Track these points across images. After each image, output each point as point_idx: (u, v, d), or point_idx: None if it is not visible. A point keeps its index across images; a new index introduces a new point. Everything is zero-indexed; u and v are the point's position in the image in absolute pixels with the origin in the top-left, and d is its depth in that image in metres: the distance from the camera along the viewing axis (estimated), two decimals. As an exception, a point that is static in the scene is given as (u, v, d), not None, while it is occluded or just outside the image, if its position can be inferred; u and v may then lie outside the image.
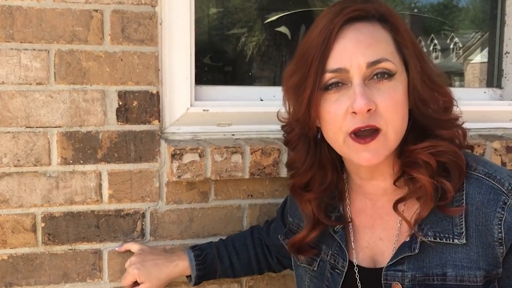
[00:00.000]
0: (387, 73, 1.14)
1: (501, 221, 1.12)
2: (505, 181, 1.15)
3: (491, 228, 1.13)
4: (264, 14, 2.47)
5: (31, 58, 1.57)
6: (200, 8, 2.23)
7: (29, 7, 1.55)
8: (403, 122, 1.17)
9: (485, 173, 1.17)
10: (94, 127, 1.65)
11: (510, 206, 1.12)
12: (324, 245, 1.37)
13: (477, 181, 1.17)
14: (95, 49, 1.62)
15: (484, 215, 1.14)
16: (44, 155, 1.61)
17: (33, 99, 1.59)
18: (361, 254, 1.30)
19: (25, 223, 1.63)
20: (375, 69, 1.14)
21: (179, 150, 1.65)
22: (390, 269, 1.22)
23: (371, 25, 1.17)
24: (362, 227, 1.32)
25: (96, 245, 1.69)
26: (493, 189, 1.14)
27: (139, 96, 1.67)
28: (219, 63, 2.37)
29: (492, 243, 1.13)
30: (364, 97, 1.11)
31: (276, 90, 1.92)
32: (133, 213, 1.71)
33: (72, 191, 1.65)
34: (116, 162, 1.67)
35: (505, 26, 2.18)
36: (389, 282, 1.21)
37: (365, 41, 1.14)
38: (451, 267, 1.16)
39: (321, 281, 1.35)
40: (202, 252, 1.63)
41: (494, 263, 1.14)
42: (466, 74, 3.00)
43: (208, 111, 1.78)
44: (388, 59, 1.14)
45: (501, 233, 1.12)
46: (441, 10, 2.72)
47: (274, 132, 1.87)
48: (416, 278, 1.19)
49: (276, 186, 1.83)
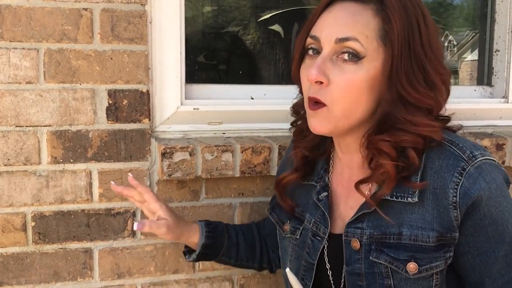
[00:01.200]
0: (354, 54, 1.17)
1: (457, 186, 1.15)
2: (467, 149, 1.18)
3: (447, 191, 1.16)
4: (257, 13, 2.47)
5: (20, 57, 1.57)
6: (192, 6, 2.23)
7: (18, 6, 1.55)
8: (357, 106, 1.20)
9: (448, 140, 1.21)
10: (84, 126, 1.64)
11: (469, 172, 1.15)
12: (308, 213, 1.40)
13: (439, 146, 1.20)
14: (84, 48, 1.62)
15: (442, 178, 1.17)
16: (34, 154, 1.61)
17: (23, 98, 1.58)
18: (334, 223, 1.35)
19: (15, 222, 1.62)
20: (343, 46, 1.18)
21: (169, 148, 1.65)
22: (351, 226, 1.27)
23: (361, 7, 1.20)
24: (338, 198, 1.37)
25: (86, 244, 1.69)
26: (454, 155, 1.18)
27: (129, 95, 1.67)
28: (211, 61, 2.37)
29: (447, 206, 1.16)
30: (317, 69, 1.18)
31: (267, 88, 1.93)
32: (124, 212, 1.71)
33: (62, 190, 1.65)
34: (106, 161, 1.67)
35: (495, 24, 2.18)
36: (349, 239, 1.26)
37: (343, 19, 1.19)
38: (407, 227, 1.19)
39: (302, 249, 1.39)
40: (213, 223, 1.59)
41: (448, 226, 1.16)
42: (461, 72, 3.01)
43: (198, 109, 1.78)
44: (358, 39, 1.17)
45: (456, 197, 1.15)
46: (435, 8, 2.73)
47: (265, 131, 1.88)
48: (373, 235, 1.23)
49: (267, 184, 1.83)
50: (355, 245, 1.25)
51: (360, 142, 1.26)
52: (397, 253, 1.20)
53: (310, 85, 1.22)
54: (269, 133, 1.88)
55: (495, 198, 1.16)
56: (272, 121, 1.88)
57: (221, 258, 1.61)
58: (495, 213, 1.17)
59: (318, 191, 1.39)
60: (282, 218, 1.50)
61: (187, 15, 1.79)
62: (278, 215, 1.52)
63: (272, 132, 1.88)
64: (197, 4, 2.30)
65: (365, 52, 1.17)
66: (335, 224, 1.35)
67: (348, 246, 1.26)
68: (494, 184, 1.17)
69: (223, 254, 1.59)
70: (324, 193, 1.37)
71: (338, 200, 1.37)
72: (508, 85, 2.15)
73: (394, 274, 1.21)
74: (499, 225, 1.18)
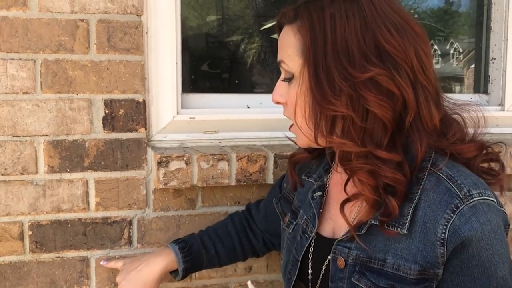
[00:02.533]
0: (286, 76, 1.25)
1: (447, 223, 1.11)
2: (465, 187, 1.13)
3: (437, 227, 1.12)
4: (260, 21, 2.48)
5: (17, 67, 1.59)
6: (188, 16, 2.25)
7: (15, 17, 1.57)
8: (306, 122, 1.22)
9: (447, 174, 1.16)
10: (80, 135, 1.66)
11: (462, 211, 1.11)
12: (302, 210, 1.42)
13: (436, 179, 1.15)
14: (81, 58, 1.64)
15: (433, 213, 1.13)
16: (31, 164, 1.63)
17: (20, 108, 1.60)
18: (324, 224, 1.35)
19: (12, 231, 1.64)
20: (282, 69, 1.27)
21: (165, 157, 1.67)
22: (340, 244, 1.26)
23: (289, 28, 1.23)
24: (332, 199, 1.37)
25: (83, 253, 1.70)
26: (450, 191, 1.13)
27: (125, 105, 1.69)
28: (211, 70, 2.38)
29: (435, 242, 1.12)
30: (275, 92, 1.29)
31: (263, 97, 1.94)
32: (120, 220, 1.72)
33: (59, 199, 1.66)
34: (103, 170, 1.69)
35: (491, 32, 2.19)
36: (336, 256, 1.26)
37: (280, 42, 1.27)
38: (392, 255, 1.17)
39: (292, 243, 1.41)
40: (187, 244, 1.62)
41: (433, 262, 1.13)
42: (466, 79, 3.00)
43: (194, 118, 1.79)
44: (284, 61, 1.24)
45: (445, 233, 1.11)
46: (441, 15, 2.73)
47: (262, 139, 1.89)
48: (359, 257, 1.22)
49: (263, 192, 1.84)
50: (340, 264, 1.24)
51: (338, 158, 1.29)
52: (378, 279, 1.18)
53: None
54: (265, 142, 1.89)
55: (487, 240, 1.11)
56: (269, 129, 1.89)
57: (205, 268, 1.68)
58: (485, 255, 1.12)
59: (314, 190, 1.40)
60: (285, 210, 1.52)
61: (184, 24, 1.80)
62: (282, 207, 1.56)
63: (268, 141, 1.89)
64: (196, 14, 2.31)
65: (292, 71, 1.23)
66: (325, 225, 1.35)
67: (334, 264, 1.26)
68: (489, 226, 1.11)
69: (206, 266, 1.66)
70: (318, 193, 1.38)
71: (332, 202, 1.37)
72: (504, 93, 2.15)
73: None
74: (487, 268, 1.12)
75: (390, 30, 1.14)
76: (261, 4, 2.48)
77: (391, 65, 1.13)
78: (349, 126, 1.16)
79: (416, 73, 1.15)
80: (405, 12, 1.19)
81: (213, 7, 2.45)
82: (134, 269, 1.57)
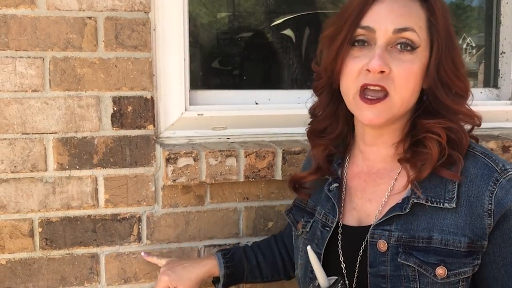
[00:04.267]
0: (410, 44, 1.22)
1: (492, 194, 1.19)
2: (499, 162, 1.23)
3: (482, 199, 1.20)
4: (271, 18, 2.47)
5: (26, 65, 1.60)
6: (198, 12, 2.25)
7: (23, 15, 1.58)
8: (412, 94, 1.25)
9: (482, 152, 1.26)
10: (89, 132, 1.67)
11: (502, 183, 1.19)
12: (320, 206, 1.42)
13: (474, 157, 1.25)
14: (89, 56, 1.64)
15: (477, 186, 1.21)
16: (40, 161, 1.64)
17: (29, 106, 1.61)
18: (348, 215, 1.36)
19: (22, 228, 1.65)
20: (400, 37, 1.21)
21: (174, 154, 1.67)
22: (378, 228, 1.26)
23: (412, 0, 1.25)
24: (354, 190, 1.38)
25: (93, 249, 1.71)
26: (488, 166, 1.22)
27: (133, 102, 1.69)
28: (220, 66, 2.38)
29: (482, 213, 1.19)
30: (380, 58, 1.20)
31: (271, 93, 1.94)
32: (130, 217, 1.73)
33: (68, 196, 1.67)
34: (112, 167, 1.69)
35: (501, 26, 2.17)
36: (375, 240, 1.26)
37: (398, 10, 1.23)
38: (438, 232, 1.21)
39: (312, 241, 1.39)
40: (229, 251, 1.64)
41: (480, 234, 1.19)
42: (480, 74, 2.98)
43: (202, 115, 1.80)
44: (415, 30, 1.22)
45: (491, 204, 1.19)
46: (453, 10, 2.71)
47: (270, 135, 1.89)
48: (402, 238, 1.23)
49: (271, 188, 1.84)
50: (381, 247, 1.24)
51: (399, 132, 1.31)
52: (426, 257, 1.20)
53: (365, 74, 1.23)
54: (273, 138, 1.89)
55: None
56: (277, 125, 1.89)
57: (246, 280, 1.67)
58: None
59: (330, 183, 1.40)
60: (297, 218, 1.51)
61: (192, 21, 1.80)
62: (294, 215, 1.54)
63: (276, 137, 1.89)
64: (205, 10, 2.31)
65: (419, 42, 1.22)
66: (349, 216, 1.35)
67: (373, 248, 1.26)
68: None
69: (247, 278, 1.65)
70: (335, 184, 1.39)
71: (353, 192, 1.37)
72: (514, 87, 2.14)
73: (421, 277, 1.21)
74: None
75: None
76: (271, 1, 2.48)
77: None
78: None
79: None
80: None
81: (224, 3, 2.45)
82: (180, 265, 1.61)
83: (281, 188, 1.85)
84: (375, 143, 1.35)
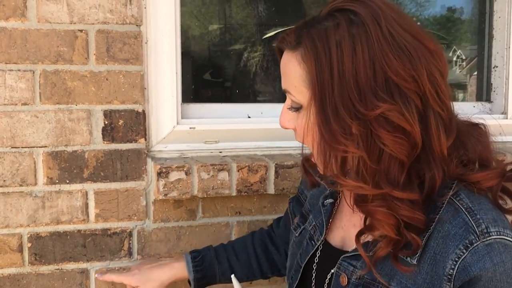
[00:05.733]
0: (292, 106, 1.18)
1: (458, 259, 1.05)
2: (483, 223, 1.06)
3: (446, 261, 1.06)
4: (262, 30, 2.47)
5: (16, 78, 1.58)
6: (190, 25, 2.24)
7: (13, 28, 1.56)
8: (316, 149, 1.14)
9: (467, 207, 1.09)
10: (80, 146, 1.65)
11: (476, 248, 1.04)
12: (312, 215, 1.40)
13: (455, 210, 1.09)
14: (80, 69, 1.63)
15: (445, 246, 1.07)
16: (30, 175, 1.62)
17: (19, 120, 1.59)
18: (334, 233, 1.32)
19: (11, 243, 1.62)
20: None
21: (165, 168, 1.66)
22: (346, 260, 1.22)
23: (291, 56, 1.14)
24: (345, 209, 1.33)
25: (83, 265, 1.69)
26: (467, 225, 1.06)
27: (124, 115, 1.68)
28: (212, 79, 2.37)
29: (442, 276, 1.07)
30: (282, 117, 1.21)
31: (264, 106, 1.93)
32: (120, 232, 1.71)
33: (58, 211, 1.65)
34: (103, 181, 1.68)
35: (493, 40, 2.18)
36: (340, 272, 1.22)
37: (282, 70, 1.19)
38: (396, 282, 1.12)
39: (298, 248, 1.38)
40: (199, 254, 1.62)
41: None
42: (469, 86, 3.00)
43: (194, 128, 1.78)
44: (290, 92, 1.16)
45: (453, 269, 1.05)
46: (443, 22, 2.72)
47: (262, 149, 1.88)
48: (363, 278, 1.18)
49: (264, 203, 1.83)
50: (343, 281, 1.21)
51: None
52: None
53: None
54: (266, 152, 1.88)
55: (497, 282, 1.04)
56: (270, 139, 1.88)
57: (220, 282, 1.65)
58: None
59: (326, 196, 1.37)
60: (295, 211, 1.50)
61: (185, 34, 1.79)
62: (293, 207, 1.53)
63: (269, 151, 1.88)
64: (197, 23, 2.31)
65: (300, 102, 1.14)
66: (336, 233, 1.32)
67: (337, 279, 1.23)
68: (502, 268, 1.03)
69: (220, 280, 1.63)
70: (330, 200, 1.36)
71: (343, 211, 1.34)
72: (507, 101, 2.14)
73: None
74: None
75: (400, 57, 1.05)
76: (263, 13, 2.47)
77: (400, 99, 1.05)
78: (361, 167, 1.08)
79: (428, 100, 1.07)
80: (416, 28, 1.11)
81: (215, 16, 2.44)
82: (148, 265, 1.63)
83: (274, 202, 1.84)
84: None
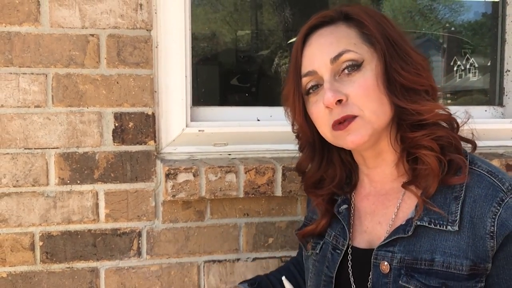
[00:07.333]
0: (353, 64, 1.23)
1: (495, 216, 1.16)
2: (506, 181, 1.19)
3: (485, 220, 1.16)
4: (273, 34, 2.49)
5: (29, 82, 1.63)
6: (198, 30, 2.27)
7: (27, 33, 1.61)
8: (381, 104, 1.23)
9: (487, 170, 1.22)
10: (90, 148, 1.69)
11: (507, 204, 1.16)
12: (330, 228, 1.41)
13: (478, 176, 1.21)
14: (91, 73, 1.67)
15: (480, 208, 1.17)
16: (42, 176, 1.66)
17: (31, 122, 1.64)
18: (358, 238, 1.34)
19: (23, 242, 1.67)
20: (340, 62, 1.23)
21: (174, 169, 1.69)
22: (382, 249, 1.25)
23: (333, 27, 1.27)
24: (364, 213, 1.36)
25: (93, 264, 1.73)
26: (493, 185, 1.19)
27: (135, 118, 1.71)
28: (221, 82, 2.40)
29: (484, 236, 1.16)
30: (330, 91, 1.21)
31: (273, 110, 1.95)
32: (130, 232, 1.74)
33: (69, 211, 1.69)
34: (113, 182, 1.71)
35: (505, 44, 2.17)
36: (378, 261, 1.25)
37: (326, 42, 1.26)
38: (440, 254, 1.18)
39: (322, 263, 1.38)
40: (255, 281, 1.60)
41: (483, 256, 1.16)
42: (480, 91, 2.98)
43: (203, 131, 1.81)
44: (350, 49, 1.23)
45: (494, 226, 1.15)
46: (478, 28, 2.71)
47: (271, 152, 1.90)
48: (404, 260, 1.21)
49: (272, 205, 1.85)
50: (384, 269, 1.23)
51: (393, 146, 1.29)
52: (428, 279, 1.18)
53: (329, 112, 1.24)
54: (275, 154, 1.90)
55: None
56: (278, 142, 1.89)
57: None
58: None
59: (339, 204, 1.39)
60: (307, 238, 1.49)
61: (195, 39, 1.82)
62: (303, 236, 1.51)
63: (277, 153, 1.90)
64: (206, 28, 2.34)
65: (361, 57, 1.23)
66: (360, 238, 1.34)
67: (377, 269, 1.25)
68: None
69: None
70: (344, 206, 1.38)
71: (362, 215, 1.36)
72: (519, 105, 2.13)
73: None
74: None
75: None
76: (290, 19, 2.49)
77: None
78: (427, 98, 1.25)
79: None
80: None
81: (225, 20, 2.47)
82: None
83: (282, 204, 1.86)
84: (377, 165, 1.34)
